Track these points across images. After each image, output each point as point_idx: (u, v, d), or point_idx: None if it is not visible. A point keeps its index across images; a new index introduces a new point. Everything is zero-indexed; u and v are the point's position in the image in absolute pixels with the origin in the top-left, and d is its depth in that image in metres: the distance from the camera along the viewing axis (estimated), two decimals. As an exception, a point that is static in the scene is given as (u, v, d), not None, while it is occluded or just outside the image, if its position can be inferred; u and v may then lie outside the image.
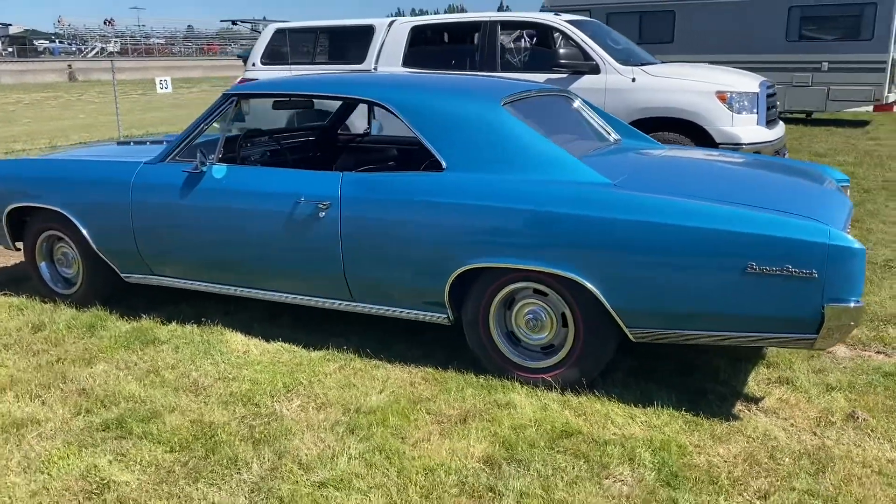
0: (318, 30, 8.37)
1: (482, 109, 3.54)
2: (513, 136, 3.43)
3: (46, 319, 4.36)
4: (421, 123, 3.54)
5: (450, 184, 3.40)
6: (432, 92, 3.76)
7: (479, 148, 3.43)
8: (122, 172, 4.17)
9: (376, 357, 3.80)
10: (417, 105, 3.59)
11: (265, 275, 3.94)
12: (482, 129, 3.46)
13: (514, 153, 3.39)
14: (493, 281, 3.40)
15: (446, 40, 7.91)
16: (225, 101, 4.05)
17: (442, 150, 3.47)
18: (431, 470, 2.81)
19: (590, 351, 3.31)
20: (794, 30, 14.70)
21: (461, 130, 3.48)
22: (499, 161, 3.39)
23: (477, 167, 3.40)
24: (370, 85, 3.92)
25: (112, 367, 3.74)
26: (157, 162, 4.13)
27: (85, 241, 4.34)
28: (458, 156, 3.44)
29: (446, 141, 3.48)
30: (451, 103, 3.61)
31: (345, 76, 4.52)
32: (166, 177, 4.05)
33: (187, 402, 3.37)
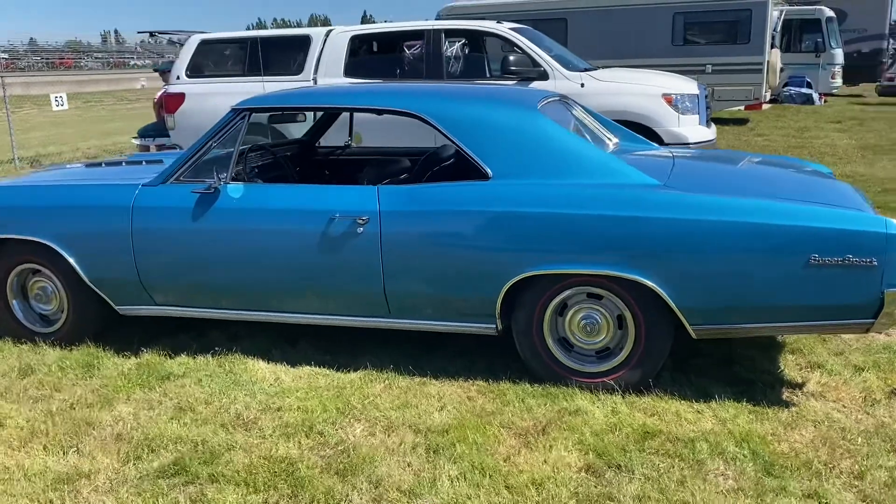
0: (249, 41, 8.06)
1: (525, 116, 3.53)
2: (557, 141, 3.44)
3: (32, 362, 3.96)
4: (462, 133, 3.48)
5: (500, 192, 3.37)
6: (470, 101, 3.71)
7: (526, 154, 3.42)
8: (119, 197, 3.86)
9: (418, 373, 3.70)
10: (457, 115, 3.53)
11: (292, 296, 3.75)
12: (527, 135, 3.45)
13: (559, 158, 3.40)
14: (547, 288, 3.39)
15: (389, 49, 7.81)
16: (235, 116, 3.83)
17: (486, 159, 3.43)
18: (540, 484, 2.76)
19: (650, 351, 3.36)
20: (679, 35, 15.55)
21: (505, 138, 3.45)
22: (545, 167, 3.39)
23: (524, 174, 3.39)
24: (400, 96, 3.82)
25: (136, 408, 3.45)
26: (159, 184, 3.85)
27: (73, 274, 3.98)
28: (504, 164, 3.41)
29: (490, 149, 3.44)
30: (492, 112, 3.57)
31: (369, 86, 4.37)
32: (173, 199, 3.78)
33: (244, 438, 3.15)
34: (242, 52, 8.02)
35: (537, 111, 3.55)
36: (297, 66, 7.73)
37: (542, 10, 16.20)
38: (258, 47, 8.00)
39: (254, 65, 7.96)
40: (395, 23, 8.24)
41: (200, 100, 7.96)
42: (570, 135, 3.48)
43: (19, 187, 4.19)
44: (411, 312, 3.62)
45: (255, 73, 7.92)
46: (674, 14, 15.45)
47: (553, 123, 3.50)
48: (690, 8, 15.36)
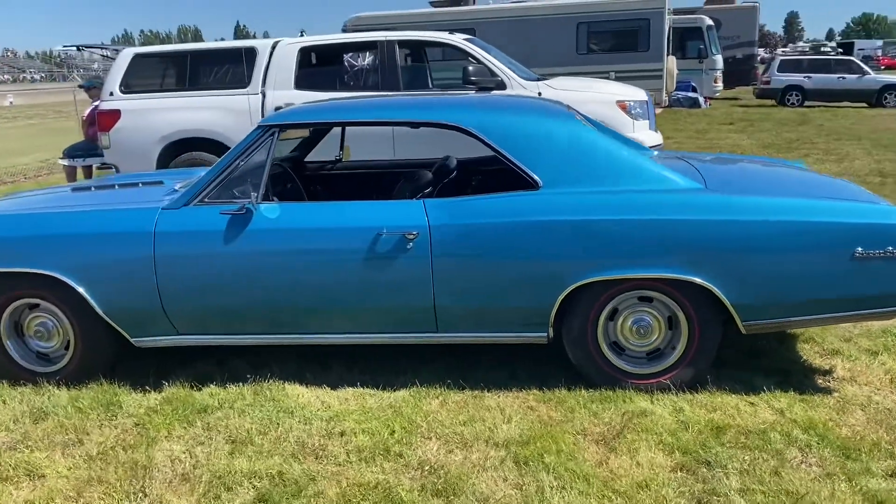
0: (190, 54, 7.73)
1: (571, 125, 3.58)
2: (602, 149, 3.52)
3: (42, 405, 3.65)
4: (509, 144, 3.49)
5: (554, 201, 3.40)
6: (513, 112, 3.72)
7: (575, 163, 3.47)
8: (139, 222, 3.62)
9: (469, 387, 3.67)
10: (503, 127, 3.54)
11: (334, 317, 3.64)
12: (574, 143, 3.51)
13: (607, 165, 3.48)
14: (602, 293, 3.45)
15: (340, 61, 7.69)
16: (264, 133, 3.67)
17: (536, 169, 3.46)
18: (645, 485, 2.81)
19: (703, 349, 3.48)
20: (583, 43, 16.14)
21: (554, 147, 3.49)
22: (594, 174, 3.45)
23: (574, 182, 3.44)
24: (442, 108, 3.77)
25: (186, 445, 3.25)
26: (181, 206, 3.64)
27: (84, 307, 3.70)
28: (554, 172, 3.45)
29: (539, 159, 3.47)
30: (539, 122, 3.61)
31: (404, 99, 4.28)
32: (199, 222, 3.59)
33: (320, 467, 3.04)
34: (182, 66, 7.68)
35: (578, 120, 3.61)
36: (244, 79, 7.49)
37: (450, 20, 16.37)
38: (200, 61, 7.71)
39: (195, 79, 7.67)
40: (345, 34, 8.12)
41: (138, 116, 7.58)
42: (612, 142, 3.56)
43: (15, 216, 3.85)
44: (461, 326, 3.59)
45: (197, 87, 7.64)
46: (577, 24, 16.01)
47: (596, 132, 3.57)
48: (592, 18, 15.96)
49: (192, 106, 7.53)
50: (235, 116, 7.42)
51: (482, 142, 3.54)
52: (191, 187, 3.70)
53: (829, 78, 21.02)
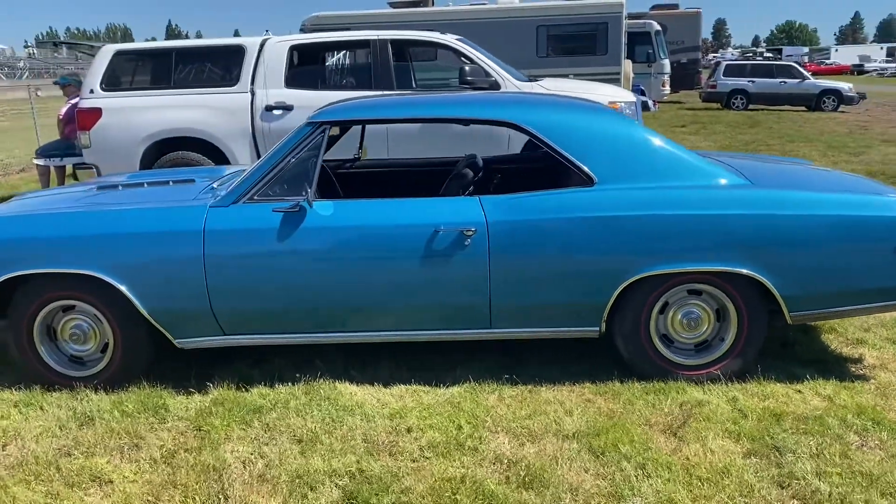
0: (175, 51, 7.54)
1: (623, 123, 3.66)
2: (653, 145, 3.61)
3: (86, 410, 3.54)
4: (565, 141, 3.55)
5: (611, 197, 3.47)
6: (567, 110, 3.78)
7: (629, 159, 3.55)
8: (187, 220, 3.54)
9: (522, 381, 3.71)
10: (560, 124, 3.59)
11: (387, 314, 3.63)
12: (628, 140, 3.59)
13: (658, 161, 3.57)
14: (656, 287, 3.53)
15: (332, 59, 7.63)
16: (315, 130, 3.64)
17: (592, 165, 3.52)
18: (725, 472, 2.90)
19: (751, 340, 3.60)
20: (542, 46, 16.34)
21: (609, 144, 3.56)
22: (648, 170, 3.54)
23: (629, 178, 3.51)
24: (496, 106, 3.79)
25: (252, 446, 3.20)
26: (230, 203, 3.58)
27: (126, 308, 3.60)
28: (609, 169, 3.52)
29: (594, 156, 3.53)
30: (593, 120, 3.67)
31: (456, 96, 4.26)
32: (251, 220, 3.53)
33: (399, 463, 3.03)
34: (166, 64, 7.48)
35: (627, 117, 3.69)
36: (232, 78, 7.35)
37: (409, 21, 16.38)
38: (185, 58, 7.54)
39: (181, 77, 7.49)
40: (338, 33, 8.04)
41: (121, 115, 7.35)
42: (662, 138, 3.65)
43: (52, 216, 3.71)
44: (514, 321, 3.63)
45: (183, 85, 7.46)
46: (537, 27, 16.22)
47: (648, 129, 3.66)
48: (552, 21, 16.20)
49: (177, 104, 7.35)
50: (223, 115, 7.28)
51: (536, 139, 3.59)
52: (238, 185, 3.63)
53: (772, 82, 21.82)
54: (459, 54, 7.42)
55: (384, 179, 4.79)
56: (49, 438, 3.32)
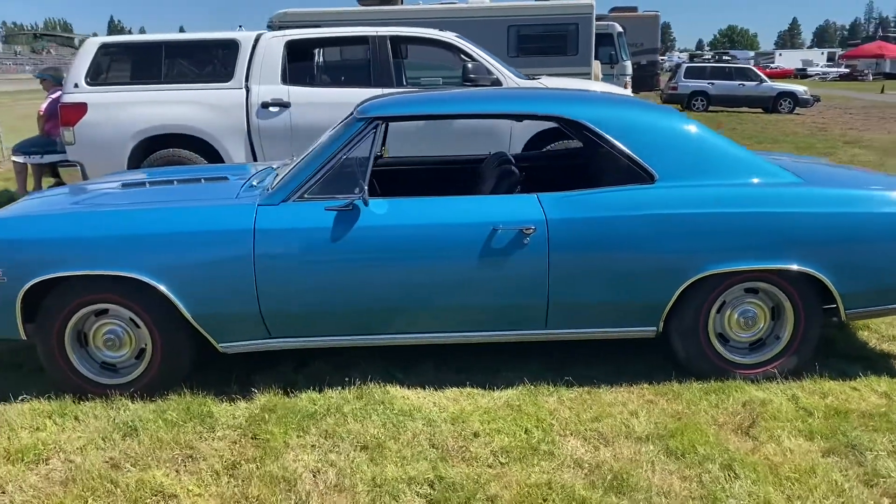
0: (164, 45, 7.27)
1: (680, 120, 3.62)
2: (710, 143, 3.58)
3: (126, 420, 3.34)
4: (626, 138, 3.49)
5: (673, 195, 3.43)
6: (626, 107, 3.72)
7: (689, 156, 3.51)
8: (236, 219, 3.38)
9: (579, 383, 3.64)
10: (620, 121, 3.53)
11: (441, 315, 3.53)
12: (687, 137, 3.56)
13: (717, 158, 3.54)
14: (716, 286, 3.50)
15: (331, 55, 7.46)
16: (367, 126, 3.51)
17: (653, 162, 3.47)
18: (811, 471, 2.87)
19: (807, 338, 3.60)
20: (513, 46, 16.33)
21: (669, 141, 3.53)
22: (707, 168, 3.51)
23: (690, 175, 3.48)
24: (555, 101, 3.71)
25: (317, 454, 3.06)
26: (280, 202, 3.43)
27: (168, 312, 3.42)
28: (670, 166, 3.48)
29: (655, 153, 3.49)
30: (652, 117, 3.62)
31: (513, 91, 4.15)
32: (303, 219, 3.39)
33: (477, 470, 2.93)
34: (156, 58, 7.21)
35: (683, 114, 3.65)
36: (226, 73, 7.13)
37: (379, 18, 16.21)
38: (175, 52, 7.29)
39: (171, 71, 7.24)
40: (336, 28, 7.85)
41: (108, 110, 7.06)
42: (717, 135, 3.62)
43: (89, 214, 3.50)
44: (571, 322, 3.56)
45: (173, 80, 7.21)
46: (508, 26, 16.20)
47: (705, 128, 3.62)
48: (523, 21, 16.21)
49: (168, 100, 7.09)
50: (217, 111, 7.05)
51: (595, 135, 3.53)
52: (286, 182, 3.48)
53: (731, 84, 22.26)
54: (460, 52, 7.33)
55: (408, 177, 4.67)
56: (93, 451, 3.13)
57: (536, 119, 3.60)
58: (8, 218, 3.50)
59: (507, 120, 6.47)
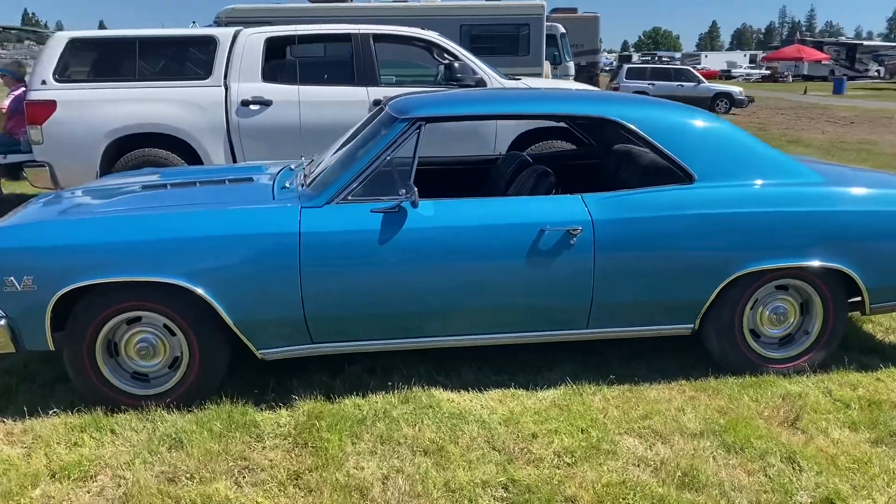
0: (138, 41, 6.99)
1: (716, 121, 3.69)
2: (745, 144, 3.67)
3: (170, 432, 3.21)
4: (667, 139, 3.55)
5: (714, 194, 3.50)
6: (665, 109, 3.76)
7: (725, 157, 3.59)
8: (281, 222, 3.29)
9: (619, 381, 3.67)
10: (661, 122, 3.58)
11: (485, 317, 3.51)
12: (722, 139, 3.64)
13: (752, 160, 3.63)
14: (751, 283, 3.59)
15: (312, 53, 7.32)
16: (410, 126, 3.46)
17: (692, 163, 3.54)
18: (867, 461, 2.97)
19: (835, 332, 3.73)
20: (465, 45, 16.27)
21: (707, 142, 3.60)
22: (743, 168, 3.59)
23: (727, 176, 3.55)
24: (598, 103, 3.72)
25: (378, 461, 3.01)
26: (323, 204, 3.36)
27: (207, 319, 3.31)
28: (708, 166, 3.55)
29: (694, 154, 3.55)
30: (690, 118, 3.68)
31: (556, 92, 4.12)
32: (348, 221, 3.32)
33: (546, 471, 2.93)
34: (129, 54, 6.95)
35: (717, 116, 3.73)
36: (203, 70, 6.93)
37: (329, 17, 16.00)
38: (150, 48, 7.05)
39: (146, 68, 6.99)
40: (316, 25, 7.69)
41: (79, 108, 6.77)
42: (748, 135, 3.71)
43: (125, 218, 3.34)
44: (612, 321, 3.59)
45: (148, 77, 6.97)
46: (460, 26, 16.22)
47: (740, 129, 3.71)
48: (475, 21, 16.26)
49: (143, 98, 6.85)
50: (195, 110, 6.85)
51: (637, 136, 3.57)
52: (329, 184, 3.41)
53: (670, 85, 22.87)
54: (444, 51, 7.32)
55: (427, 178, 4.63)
56: (141, 465, 2.99)
57: (578, 120, 3.63)
58: (37, 223, 3.32)
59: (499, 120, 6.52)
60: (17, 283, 3.16)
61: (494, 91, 4.29)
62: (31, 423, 3.31)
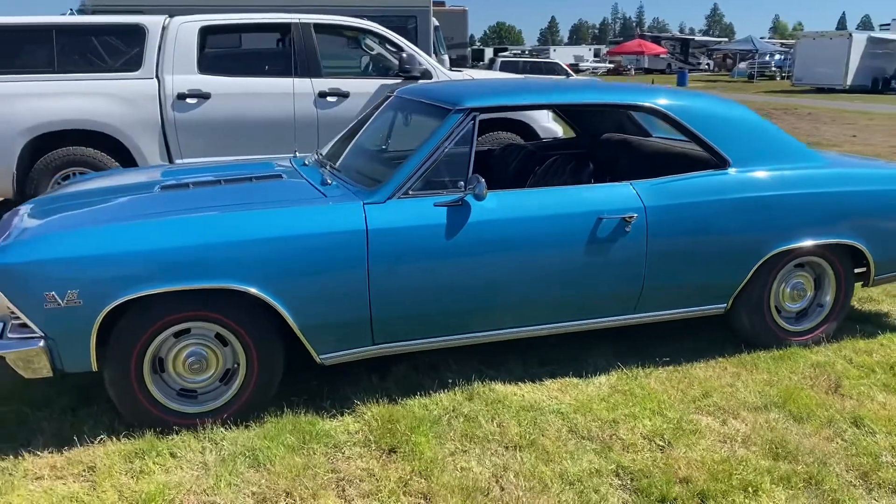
0: (55, 29, 6.33)
1: (743, 109, 3.86)
2: (770, 130, 3.87)
3: (238, 451, 2.98)
4: (704, 126, 3.67)
5: (749, 179, 3.66)
6: (698, 97, 3.85)
7: (755, 143, 3.76)
8: (346, 220, 3.11)
9: (665, 364, 3.77)
10: (698, 110, 3.69)
11: (545, 308, 3.50)
12: (751, 125, 3.80)
13: (777, 145, 3.83)
14: (777, 262, 3.80)
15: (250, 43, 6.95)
16: (465, 117, 3.36)
17: (728, 149, 3.68)
18: (924, 421, 3.23)
19: (845, 303, 4.02)
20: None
21: (739, 129, 3.74)
22: (770, 153, 3.78)
23: (758, 161, 3.73)
24: (637, 92, 3.74)
25: (472, 458, 2.94)
26: (385, 199, 3.22)
27: (267, 326, 3.10)
28: (741, 152, 3.70)
29: (729, 140, 3.69)
30: (722, 106, 3.81)
31: (598, 83, 4.05)
32: (413, 216, 3.20)
33: (646, 456, 2.97)
34: (46, 43, 6.31)
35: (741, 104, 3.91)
36: (133, 62, 6.43)
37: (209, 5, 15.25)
38: (70, 38, 6.44)
39: (67, 59, 6.39)
40: (252, 14, 7.25)
41: (-11, 104, 6.11)
42: (770, 123, 3.91)
43: (182, 221, 3.00)
44: (658, 305, 3.69)
45: (70, 69, 6.37)
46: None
47: (757, 114, 3.90)
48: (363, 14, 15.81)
49: (65, 92, 6.26)
50: (125, 104, 6.35)
51: (675, 124, 3.67)
52: (390, 179, 3.26)
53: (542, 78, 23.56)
54: (386, 41, 7.19)
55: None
56: (227, 488, 2.76)
57: (623, 109, 3.71)
58: (80, 230, 2.95)
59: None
60: (59, 299, 2.81)
61: (541, 81, 4.28)
62: (76, 454, 2.96)
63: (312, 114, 6.74)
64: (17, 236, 2.96)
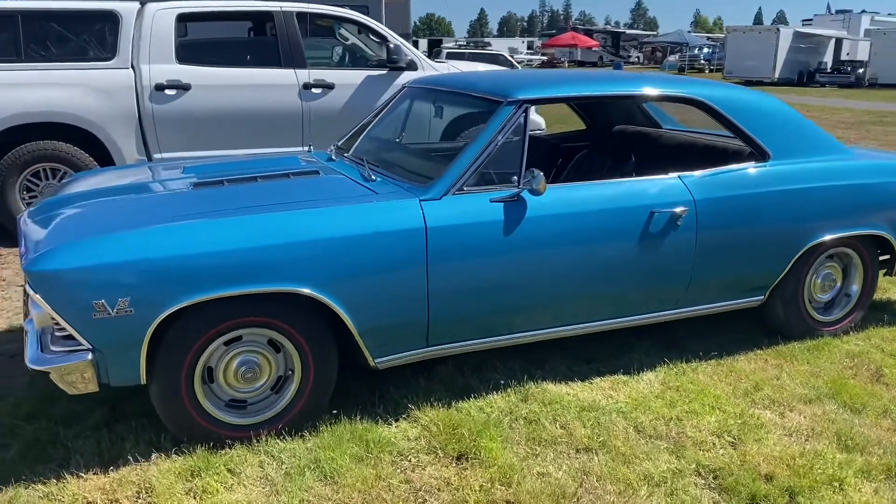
0: (20, 15, 5.90)
1: (780, 102, 3.85)
2: (806, 123, 3.88)
3: (302, 464, 2.81)
4: (745, 119, 3.64)
5: (790, 171, 3.66)
6: (737, 90, 3.82)
7: (792, 135, 3.77)
8: (405, 217, 2.96)
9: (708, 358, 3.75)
10: (740, 102, 3.67)
11: (594, 303, 3.43)
12: (788, 118, 3.81)
13: (811, 138, 3.85)
14: (812, 254, 3.82)
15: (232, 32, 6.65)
16: (517, 109, 3.24)
17: (768, 142, 3.67)
18: (970, 406, 3.29)
19: (871, 292, 4.08)
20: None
21: (777, 122, 3.74)
22: (807, 145, 3.79)
23: (795, 153, 3.74)
24: (683, 85, 3.68)
25: (551, 461, 2.85)
26: (441, 196, 3.08)
27: (325, 330, 2.94)
28: (780, 145, 3.70)
29: (768, 133, 3.68)
30: (761, 99, 3.79)
31: (642, 75, 3.92)
32: (470, 213, 3.07)
33: (719, 453, 2.93)
34: (12, 31, 5.89)
35: (775, 97, 3.91)
36: (106, 51, 6.07)
37: None
38: (38, 25, 6.04)
39: (34, 48, 5.99)
40: (233, 1, 6.90)
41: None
42: (801, 115, 3.92)
43: (233, 221, 2.79)
44: (702, 299, 3.66)
45: (39, 58, 5.98)
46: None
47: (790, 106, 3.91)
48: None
49: (33, 82, 5.87)
50: (98, 95, 6.00)
51: (717, 116, 3.63)
52: (444, 174, 3.12)
53: (487, 70, 23.55)
54: (370, 31, 7.01)
55: None
56: (300, 504, 2.59)
57: (670, 101, 3.63)
58: (128, 233, 2.71)
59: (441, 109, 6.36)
60: (109, 308, 2.58)
61: (590, 72, 4.19)
62: (124, 474, 2.74)
63: (297, 106, 6.51)
64: (57, 241, 2.71)
